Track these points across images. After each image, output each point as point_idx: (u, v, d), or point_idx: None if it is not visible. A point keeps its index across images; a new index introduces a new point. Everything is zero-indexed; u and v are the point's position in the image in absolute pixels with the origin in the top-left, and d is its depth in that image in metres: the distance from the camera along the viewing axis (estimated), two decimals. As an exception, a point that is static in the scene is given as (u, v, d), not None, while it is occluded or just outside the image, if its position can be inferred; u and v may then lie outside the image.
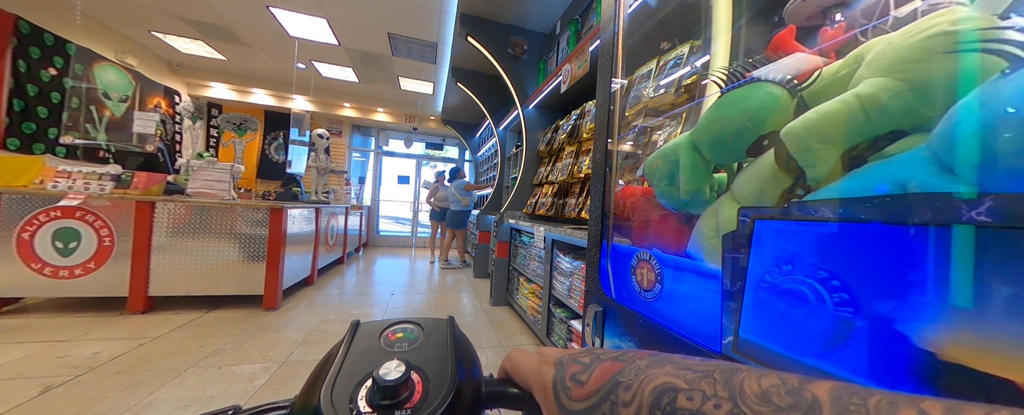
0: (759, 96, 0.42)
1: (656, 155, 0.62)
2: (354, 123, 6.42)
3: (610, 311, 0.63)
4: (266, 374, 1.60)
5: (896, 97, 0.29)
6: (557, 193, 2.56)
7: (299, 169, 5.89)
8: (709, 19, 1.04)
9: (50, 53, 3.34)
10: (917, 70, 0.28)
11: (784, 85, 0.41)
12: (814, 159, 0.34)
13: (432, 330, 0.26)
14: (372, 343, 0.25)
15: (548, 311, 1.95)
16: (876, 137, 0.31)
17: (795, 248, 0.33)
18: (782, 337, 0.34)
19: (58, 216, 2.15)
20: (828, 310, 0.31)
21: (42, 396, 1.32)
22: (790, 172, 0.36)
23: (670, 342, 0.49)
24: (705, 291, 0.44)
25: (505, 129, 4.34)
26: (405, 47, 4.21)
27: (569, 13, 2.96)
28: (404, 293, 3.23)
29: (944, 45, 0.27)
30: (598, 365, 0.19)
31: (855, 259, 0.29)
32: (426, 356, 0.24)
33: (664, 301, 0.53)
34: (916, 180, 0.26)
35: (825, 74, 0.37)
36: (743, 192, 0.42)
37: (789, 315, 0.33)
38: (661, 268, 0.54)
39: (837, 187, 0.32)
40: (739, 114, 0.44)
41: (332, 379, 0.22)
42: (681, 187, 0.52)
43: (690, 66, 0.99)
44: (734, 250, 0.39)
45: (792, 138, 0.36)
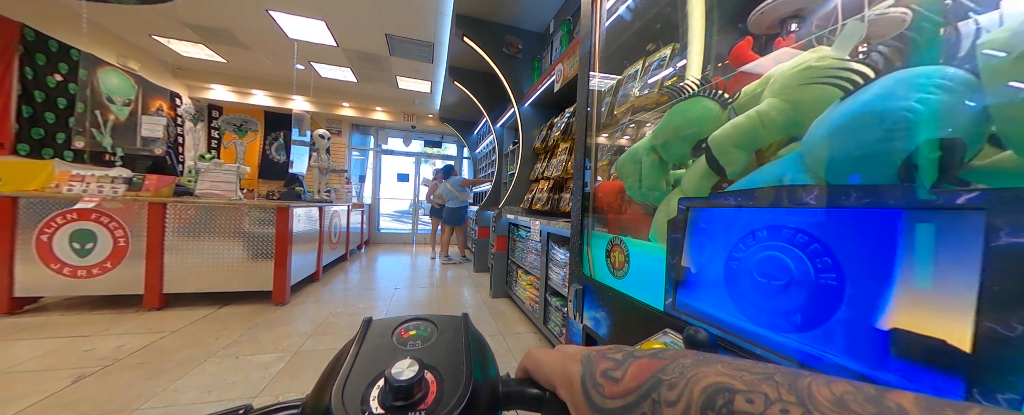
0: (697, 108, 0.52)
1: (625, 156, 0.71)
2: (353, 122, 6.49)
3: (588, 288, 0.73)
4: (281, 363, 1.71)
5: (782, 113, 0.39)
6: (553, 188, 2.66)
7: (301, 169, 5.98)
8: (685, 26, 1.14)
9: (55, 59, 3.41)
10: (793, 93, 0.38)
11: (716, 99, 0.51)
12: (730, 160, 0.44)
13: (446, 327, 0.26)
14: (385, 341, 0.24)
15: (545, 300, 2.06)
16: (771, 143, 0.41)
17: (714, 228, 0.43)
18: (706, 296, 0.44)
19: (75, 218, 2.25)
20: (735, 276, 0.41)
21: (75, 385, 1.43)
22: (715, 170, 0.46)
23: (633, 308, 0.59)
24: (658, 266, 0.54)
25: (502, 126, 4.42)
26: (402, 47, 4.28)
27: (562, 13, 3.04)
28: (407, 287, 3.34)
29: (808, 77, 0.36)
30: (634, 362, 0.18)
31: (750, 234, 0.39)
32: (440, 354, 0.23)
33: (631, 277, 0.63)
34: (788, 175, 0.36)
35: (745, 92, 0.47)
36: (687, 186, 0.52)
37: (709, 280, 0.43)
38: (629, 251, 0.65)
39: (744, 181, 0.41)
40: (683, 122, 0.54)
41: (343, 378, 0.21)
42: (643, 183, 0.62)
43: (671, 67, 1.09)
44: (673, 231, 0.49)
45: (714, 144, 0.46)
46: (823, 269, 0.32)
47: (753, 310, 0.37)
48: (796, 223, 0.34)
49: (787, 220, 0.35)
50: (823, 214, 0.31)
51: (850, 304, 0.30)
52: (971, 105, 0.23)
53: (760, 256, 0.37)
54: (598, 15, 0.97)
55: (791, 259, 0.34)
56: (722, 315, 0.40)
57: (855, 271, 0.29)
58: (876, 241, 0.28)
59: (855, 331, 0.29)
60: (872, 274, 0.29)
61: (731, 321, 0.39)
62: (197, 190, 2.61)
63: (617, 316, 0.61)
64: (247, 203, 2.59)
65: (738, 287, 0.39)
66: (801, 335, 0.33)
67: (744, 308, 0.38)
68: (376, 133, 6.83)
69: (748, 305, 0.38)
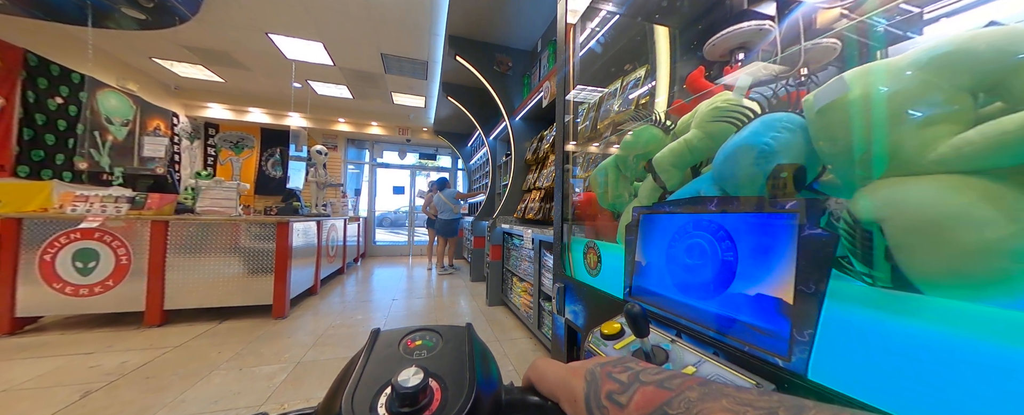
0: (647, 134, 0.64)
1: (596, 170, 0.83)
2: (348, 137, 6.61)
3: (569, 287, 0.83)
4: (284, 373, 1.77)
5: (701, 141, 0.51)
6: (544, 198, 2.78)
7: (297, 183, 6.04)
8: (654, 53, 1.30)
9: (56, 83, 3.49)
10: (708, 127, 0.50)
11: (660, 127, 0.63)
12: (668, 176, 0.55)
13: (450, 337, 0.26)
14: (392, 351, 0.25)
15: (538, 306, 2.14)
16: (696, 164, 0.52)
17: (657, 229, 0.54)
18: (652, 281, 0.55)
19: (78, 238, 2.30)
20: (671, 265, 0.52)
21: (84, 399, 1.48)
22: (658, 184, 0.58)
23: (603, 299, 0.69)
24: (620, 263, 0.65)
25: (495, 139, 4.57)
26: (397, 65, 4.44)
27: (548, 34, 3.22)
28: (404, 298, 3.39)
29: (716, 115, 0.48)
30: (639, 388, 0.18)
31: (681, 234, 0.50)
32: (445, 363, 0.24)
33: (603, 275, 0.74)
34: (702, 188, 0.47)
35: (680, 122, 0.59)
36: (640, 197, 0.64)
37: (655, 270, 0.54)
38: (601, 252, 0.76)
39: (678, 193, 0.53)
40: (637, 144, 0.66)
41: (353, 387, 0.22)
42: (609, 194, 0.73)
43: (647, 86, 1.23)
44: (629, 234, 0.60)
45: (656, 163, 0.58)
46: (724, 251, 0.43)
47: (683, 285, 0.48)
48: (707, 222, 0.45)
49: (702, 220, 0.46)
50: (723, 216, 0.43)
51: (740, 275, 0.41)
52: (802, 141, 0.35)
53: (685, 246, 0.48)
54: (572, 47, 1.11)
55: (705, 246, 0.45)
56: (664, 293, 0.51)
57: (743, 253, 0.41)
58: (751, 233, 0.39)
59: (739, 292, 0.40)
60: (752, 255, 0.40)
61: (670, 296, 0.50)
62: (198, 207, 2.68)
63: (591, 308, 0.72)
64: (248, 219, 2.66)
65: (673, 270, 0.50)
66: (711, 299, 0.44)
67: (677, 285, 0.49)
68: (371, 147, 6.94)
69: (680, 282, 0.49)
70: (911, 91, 0.30)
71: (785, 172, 0.37)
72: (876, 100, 0.32)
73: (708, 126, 0.49)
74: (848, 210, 0.33)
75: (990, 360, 0.26)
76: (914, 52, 0.32)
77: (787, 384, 0.36)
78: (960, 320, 0.28)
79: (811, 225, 0.33)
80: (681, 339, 0.46)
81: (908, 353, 0.30)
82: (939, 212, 0.28)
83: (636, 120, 0.75)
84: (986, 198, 0.26)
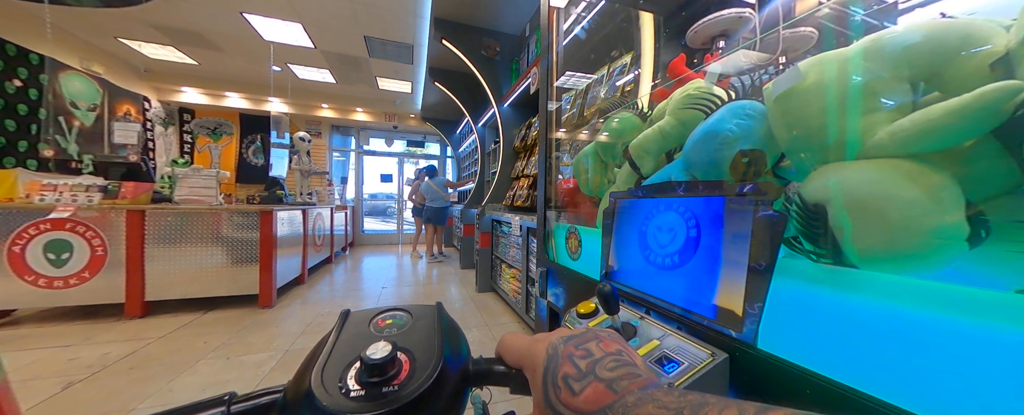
0: (625, 122, 0.65)
1: (578, 157, 0.85)
2: (333, 123, 6.43)
3: (551, 271, 0.86)
4: (272, 361, 1.78)
5: (674, 128, 0.53)
6: (532, 185, 2.79)
7: (280, 171, 5.89)
8: (639, 40, 1.30)
9: (13, 64, 3.27)
10: (680, 114, 0.51)
11: (638, 114, 0.64)
12: (643, 162, 0.57)
13: (421, 315, 0.27)
14: (362, 330, 0.26)
15: (526, 291, 2.19)
16: (669, 150, 0.54)
17: (631, 213, 0.56)
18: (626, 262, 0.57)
19: (48, 228, 2.21)
20: (642, 248, 0.54)
21: (65, 391, 1.46)
22: (634, 169, 0.59)
23: (581, 282, 0.72)
24: (598, 247, 0.67)
25: (483, 126, 4.52)
26: (382, 49, 4.30)
27: (536, 18, 3.16)
28: (394, 286, 3.41)
29: (688, 102, 0.50)
30: (592, 383, 0.19)
31: (652, 218, 0.52)
32: (414, 338, 0.24)
33: (583, 259, 0.76)
34: (673, 174, 0.49)
35: (656, 109, 0.61)
36: (618, 183, 0.66)
37: (628, 252, 0.57)
38: (582, 237, 0.78)
39: (652, 178, 0.55)
40: (614, 131, 0.68)
41: (322, 363, 0.22)
42: (589, 180, 0.75)
43: (632, 73, 1.24)
44: (606, 218, 0.62)
45: (632, 150, 0.60)
46: (689, 233, 0.46)
47: (652, 266, 0.51)
48: (675, 206, 0.47)
49: (670, 204, 0.48)
50: (689, 200, 0.45)
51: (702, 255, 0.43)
52: (764, 128, 0.37)
53: (655, 229, 0.50)
54: (556, 33, 1.10)
55: (673, 228, 0.48)
56: (635, 273, 0.54)
57: (705, 234, 0.43)
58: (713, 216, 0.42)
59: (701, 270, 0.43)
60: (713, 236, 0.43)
61: (640, 276, 0.53)
62: (176, 196, 2.60)
63: (571, 290, 0.75)
64: (229, 208, 2.60)
65: (644, 252, 0.53)
66: (677, 278, 0.47)
67: (647, 265, 0.52)
68: (357, 134, 6.78)
69: (650, 263, 0.52)
70: (858, 80, 0.32)
71: (747, 158, 0.39)
72: (827, 88, 0.34)
73: (680, 113, 0.51)
74: (799, 193, 0.36)
75: (917, 325, 0.30)
76: (863, 42, 0.34)
77: (738, 353, 0.39)
78: (890, 291, 0.31)
79: (764, 207, 0.36)
80: (649, 316, 0.49)
81: (846, 322, 0.33)
82: (871, 192, 0.30)
83: (618, 108, 0.76)
84: (913, 180, 0.29)
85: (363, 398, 0.20)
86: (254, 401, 0.22)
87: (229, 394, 0.23)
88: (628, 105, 0.68)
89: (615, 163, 0.72)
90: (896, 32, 0.32)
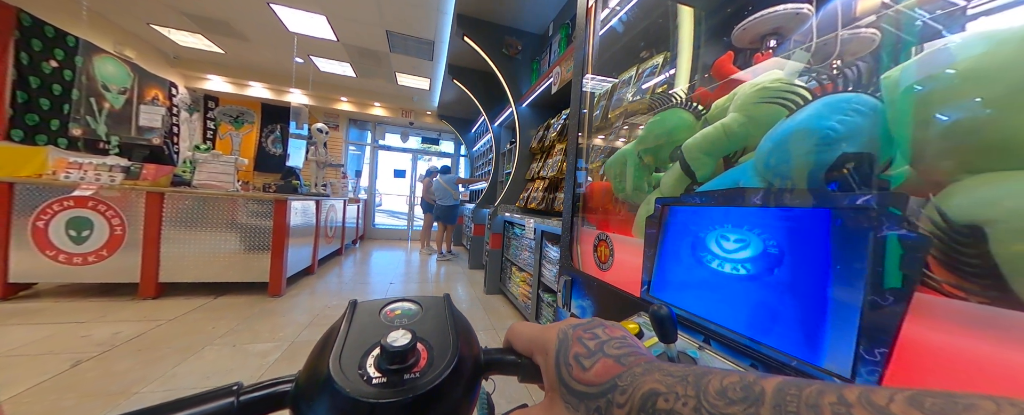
0: (675, 119, 0.58)
1: (613, 158, 0.78)
2: (350, 117, 6.49)
3: (576, 280, 0.79)
4: (278, 351, 1.75)
5: (742, 126, 0.45)
6: (548, 188, 2.72)
7: (297, 162, 5.97)
8: (676, 38, 1.22)
9: (51, 45, 3.38)
10: (751, 110, 0.44)
11: (692, 111, 0.57)
12: (699, 165, 0.50)
13: (429, 307, 0.27)
14: (372, 319, 0.26)
15: (537, 297, 2.12)
16: (734, 151, 0.47)
17: (684, 223, 0.49)
18: (677, 281, 0.50)
19: (71, 206, 2.26)
20: (700, 263, 0.47)
21: (74, 369, 1.46)
22: (687, 174, 0.52)
23: (613, 296, 0.65)
24: (637, 259, 0.60)
25: (500, 126, 4.47)
26: (403, 44, 4.31)
27: (561, 17, 3.10)
28: (402, 282, 3.38)
29: (763, 96, 0.43)
30: (601, 359, 0.21)
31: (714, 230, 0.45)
32: (428, 328, 0.25)
33: (615, 270, 0.69)
34: (742, 179, 0.42)
35: (715, 105, 0.53)
36: (664, 188, 0.58)
37: (681, 267, 0.49)
38: (614, 246, 0.71)
39: (710, 184, 0.48)
40: (661, 130, 0.60)
41: (339, 350, 0.22)
42: (627, 184, 0.68)
43: (663, 75, 1.16)
44: (651, 227, 0.55)
45: (687, 151, 0.52)
46: (768, 250, 0.38)
47: (713, 286, 0.44)
48: (749, 217, 0.40)
49: (742, 215, 0.41)
50: (769, 211, 0.38)
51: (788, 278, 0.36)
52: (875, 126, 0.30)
53: (719, 242, 0.43)
54: (593, 24, 1.04)
55: (744, 243, 0.40)
56: (690, 293, 0.47)
57: (793, 253, 0.36)
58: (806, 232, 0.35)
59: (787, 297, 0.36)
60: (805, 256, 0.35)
61: (697, 297, 0.46)
62: (194, 181, 2.63)
63: (601, 304, 0.68)
64: (245, 195, 2.62)
65: (702, 269, 0.45)
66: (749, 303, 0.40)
67: (706, 285, 0.45)
68: (374, 128, 6.84)
69: (710, 282, 0.44)
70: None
71: (852, 162, 0.32)
72: (990, 75, 0.26)
73: (751, 109, 0.44)
74: (938, 208, 0.28)
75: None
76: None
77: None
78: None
79: (891, 225, 0.28)
80: (710, 346, 0.42)
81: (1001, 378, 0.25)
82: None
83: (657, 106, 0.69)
84: None
85: (384, 385, 0.20)
86: (264, 391, 0.22)
87: (237, 384, 0.22)
88: (678, 101, 0.61)
89: (657, 165, 0.64)
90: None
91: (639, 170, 0.66)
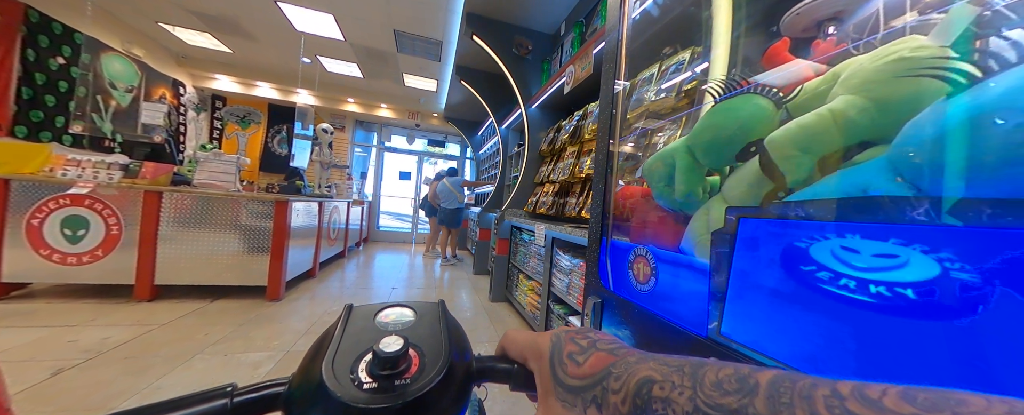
0: (748, 107, 0.46)
1: (655, 158, 0.66)
2: (357, 118, 6.46)
3: (608, 302, 0.67)
4: (271, 362, 1.65)
5: (863, 113, 0.33)
6: (558, 192, 2.61)
7: (302, 163, 5.92)
8: (709, 27, 1.08)
9: (58, 42, 3.36)
10: (880, 90, 0.32)
11: (770, 97, 0.45)
12: (792, 165, 0.38)
13: (424, 313, 0.27)
14: (367, 323, 0.26)
15: (547, 307, 1.99)
16: (846, 147, 0.35)
17: (775, 244, 0.37)
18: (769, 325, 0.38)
19: (67, 204, 2.19)
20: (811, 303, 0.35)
21: (53, 378, 1.37)
22: (772, 176, 0.40)
23: (662, 328, 0.53)
24: (695, 283, 0.48)
25: (507, 128, 4.37)
26: (411, 44, 4.24)
27: (574, 15, 3.00)
28: (404, 287, 3.27)
29: (902, 69, 0.31)
30: (594, 353, 0.21)
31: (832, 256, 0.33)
32: (421, 334, 0.25)
33: (658, 293, 0.57)
34: (875, 185, 0.30)
35: (806, 89, 0.42)
36: (732, 194, 0.46)
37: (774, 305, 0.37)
38: (656, 263, 0.59)
39: (812, 190, 0.36)
40: (731, 122, 0.49)
41: (332, 354, 0.22)
42: (676, 188, 0.56)
43: (690, 71, 1.03)
44: (719, 244, 0.43)
45: (774, 146, 0.41)
46: (948, 292, 0.26)
47: (839, 339, 0.31)
48: (900, 236, 0.28)
49: (886, 233, 0.29)
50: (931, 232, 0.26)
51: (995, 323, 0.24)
52: None
53: (842, 275, 0.31)
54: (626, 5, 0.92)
55: (897, 279, 0.28)
56: (796, 346, 0.34)
57: (992, 304, 0.24)
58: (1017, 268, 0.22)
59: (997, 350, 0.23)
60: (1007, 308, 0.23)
61: (810, 352, 0.33)
62: (195, 180, 2.56)
63: (642, 336, 0.56)
64: (245, 195, 2.54)
65: (817, 311, 0.33)
66: (919, 354, 0.27)
67: (827, 335, 0.32)
68: (380, 130, 6.79)
69: (833, 333, 0.32)
70: None
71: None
72: None
73: (880, 88, 0.32)
74: None
75: None
76: None
77: None
78: None
79: None
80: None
81: None
82: None
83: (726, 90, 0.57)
84: None
85: (376, 390, 0.20)
86: (258, 393, 0.22)
87: (230, 385, 0.22)
88: (751, 87, 0.49)
89: (716, 165, 0.52)
90: None
91: (692, 171, 0.54)
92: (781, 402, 0.13)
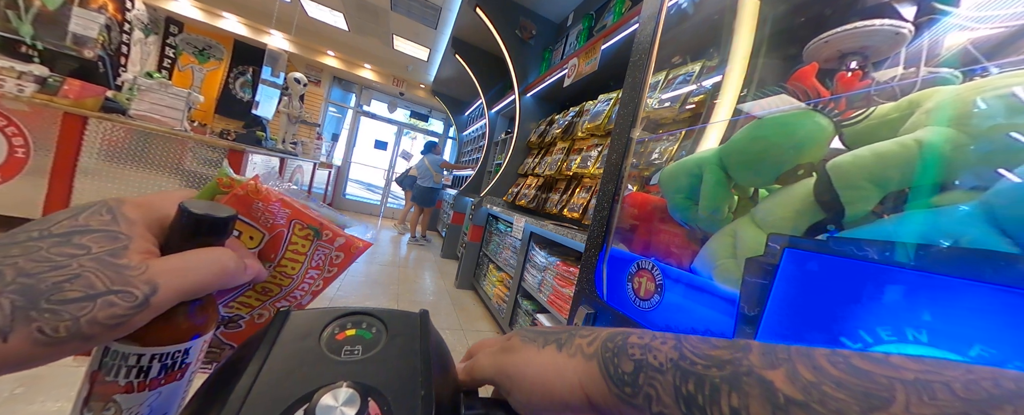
0: (808, 124, 0.42)
1: (676, 166, 0.61)
2: (335, 74, 5.96)
3: (601, 314, 0.62)
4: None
5: (958, 150, 0.29)
6: (541, 187, 2.55)
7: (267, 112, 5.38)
8: (727, 41, 1.03)
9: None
10: (982, 124, 0.28)
11: (832, 118, 0.41)
12: (856, 196, 0.34)
13: (398, 329, 0.19)
14: (309, 345, 0.17)
15: (515, 301, 1.95)
16: (922, 185, 0.31)
17: (829, 285, 0.33)
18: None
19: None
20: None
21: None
22: (825, 205, 0.36)
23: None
24: (710, 309, 0.44)
25: (497, 113, 4.24)
26: (407, 4, 3.94)
27: (584, 7, 2.91)
28: (365, 263, 3.10)
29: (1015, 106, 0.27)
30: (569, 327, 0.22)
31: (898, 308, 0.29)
32: (389, 370, 0.17)
33: (662, 312, 0.53)
34: (969, 235, 0.26)
35: (878, 114, 0.37)
36: (769, 219, 0.42)
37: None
38: (663, 280, 0.54)
39: (881, 229, 0.32)
40: (784, 139, 0.44)
41: (237, 405, 0.14)
42: (702, 203, 0.51)
43: (697, 85, 0.99)
44: (754, 274, 0.39)
45: (839, 172, 0.36)
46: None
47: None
48: (987, 302, 0.24)
49: (969, 297, 0.25)
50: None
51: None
52: None
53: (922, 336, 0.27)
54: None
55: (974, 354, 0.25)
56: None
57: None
58: None
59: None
60: None
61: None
62: (132, 110, 2.21)
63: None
64: (193, 137, 2.23)
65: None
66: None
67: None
68: (359, 92, 6.34)
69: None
70: None
71: None
72: None
73: (983, 123, 0.28)
74: None
75: None
76: None
77: None
78: None
79: None
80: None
81: None
82: None
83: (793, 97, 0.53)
84: None
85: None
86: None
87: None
88: (813, 104, 0.45)
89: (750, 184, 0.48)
90: None
91: (721, 186, 0.49)
92: (778, 357, 0.13)
